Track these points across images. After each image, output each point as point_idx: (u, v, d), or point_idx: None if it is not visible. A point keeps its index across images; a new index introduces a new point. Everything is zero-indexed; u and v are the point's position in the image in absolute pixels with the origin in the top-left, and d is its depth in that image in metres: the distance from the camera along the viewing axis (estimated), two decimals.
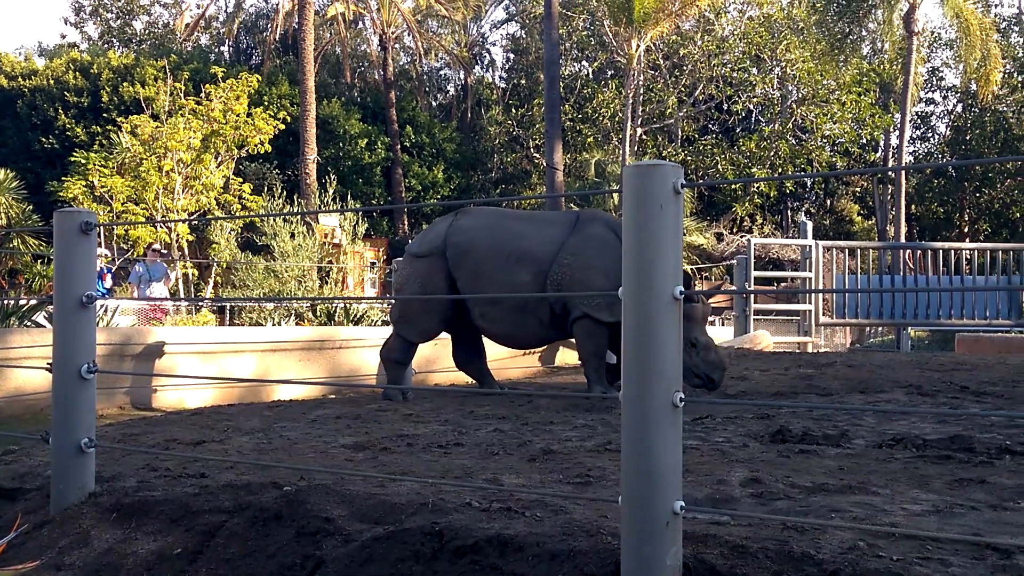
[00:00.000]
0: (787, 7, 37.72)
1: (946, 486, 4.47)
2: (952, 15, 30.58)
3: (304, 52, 29.78)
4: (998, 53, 31.61)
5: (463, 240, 8.61)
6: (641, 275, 3.02)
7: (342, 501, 3.99)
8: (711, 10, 35.90)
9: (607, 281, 8.16)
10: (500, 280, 8.38)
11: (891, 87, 39.32)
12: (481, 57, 51.92)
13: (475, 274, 8.45)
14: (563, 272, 8.28)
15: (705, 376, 8.20)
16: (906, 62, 31.20)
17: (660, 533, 2.96)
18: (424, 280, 8.68)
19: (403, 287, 8.89)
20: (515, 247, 8.45)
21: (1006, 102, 41.13)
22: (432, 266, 8.67)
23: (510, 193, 44.45)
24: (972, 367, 10.09)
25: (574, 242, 8.38)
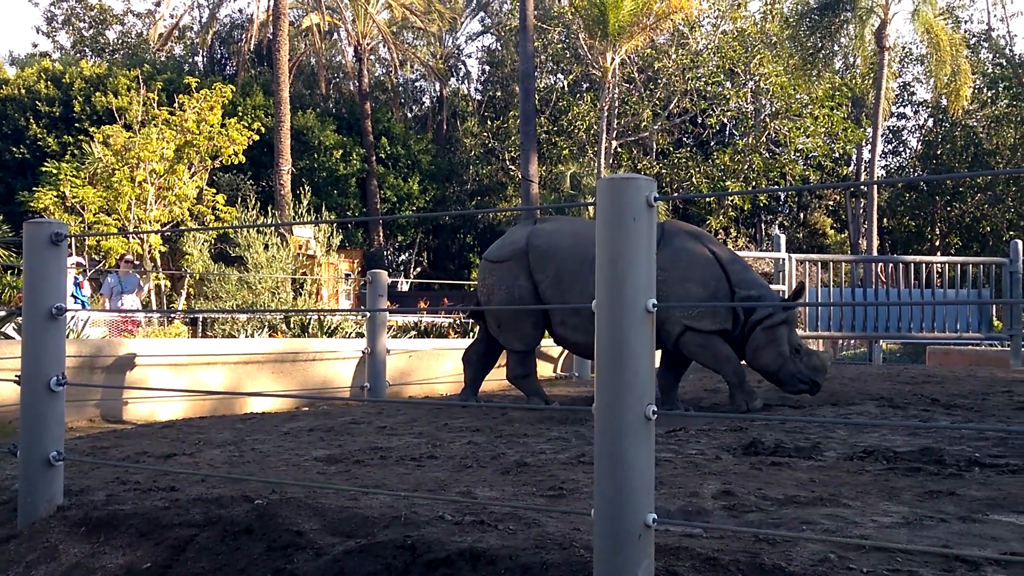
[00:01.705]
0: (760, 22, 37.96)
1: (916, 498, 4.50)
2: (923, 31, 30.91)
3: (279, 63, 29.71)
4: (968, 69, 31.95)
5: (546, 244, 8.48)
6: (614, 288, 3.03)
7: (314, 514, 3.97)
8: (685, 24, 36.08)
9: (704, 291, 8.22)
10: (584, 287, 8.13)
11: (863, 101, 39.62)
12: (457, 69, 51.99)
13: (557, 279, 8.29)
14: (659, 287, 8.14)
15: (810, 381, 8.32)
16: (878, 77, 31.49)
17: (632, 546, 2.96)
18: (509, 284, 8.56)
19: (491, 296, 8.70)
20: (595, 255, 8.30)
21: (976, 117, 41.52)
22: (514, 269, 8.55)
23: (485, 205, 44.48)
24: (942, 380, 10.17)
25: (665, 255, 8.22)
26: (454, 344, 12.75)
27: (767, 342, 8.31)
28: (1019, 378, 10.49)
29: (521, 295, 8.44)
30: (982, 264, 15.06)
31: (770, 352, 8.30)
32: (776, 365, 8.32)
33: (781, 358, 8.30)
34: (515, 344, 8.66)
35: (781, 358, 8.30)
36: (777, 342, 8.31)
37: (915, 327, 14.58)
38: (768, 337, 8.31)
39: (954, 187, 40.74)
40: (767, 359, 8.33)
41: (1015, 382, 9.86)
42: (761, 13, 38.98)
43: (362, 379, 10.70)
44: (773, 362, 8.32)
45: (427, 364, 11.78)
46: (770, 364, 8.34)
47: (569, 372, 13.40)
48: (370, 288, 10.81)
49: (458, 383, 11.72)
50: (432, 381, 11.71)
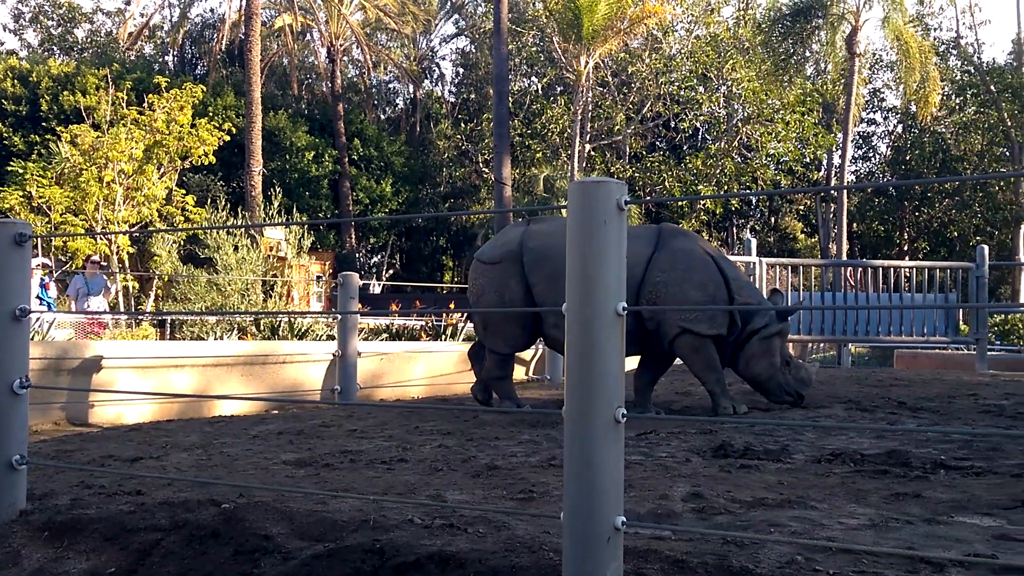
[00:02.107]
0: (734, 27, 38.14)
1: (882, 500, 4.52)
2: (893, 38, 31.14)
3: (251, 63, 29.58)
4: (937, 76, 32.23)
5: (541, 245, 8.34)
6: (584, 291, 3.03)
7: (282, 518, 3.95)
8: (659, 29, 36.21)
9: (702, 294, 8.18)
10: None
11: (834, 107, 39.88)
12: (430, 71, 51.95)
13: (552, 281, 8.08)
14: (657, 290, 8.12)
15: (796, 393, 8.34)
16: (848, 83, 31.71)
17: (601, 549, 2.96)
18: (500, 288, 8.43)
19: (480, 298, 8.59)
20: None
21: (944, 123, 41.88)
22: (506, 272, 8.41)
23: (458, 207, 44.44)
24: (909, 383, 10.24)
25: (663, 257, 8.24)
26: (426, 347, 12.73)
27: (762, 352, 8.33)
28: (984, 381, 10.59)
29: (511, 299, 8.34)
30: (949, 269, 15.17)
31: (764, 362, 8.33)
32: (767, 375, 8.35)
33: (772, 368, 8.34)
34: (500, 347, 8.60)
35: (772, 368, 8.34)
36: (771, 352, 8.34)
37: (883, 331, 14.67)
38: (763, 347, 8.33)
39: (922, 192, 41.07)
40: (760, 368, 8.35)
41: (980, 385, 9.95)
42: (734, 19, 39.20)
43: (333, 382, 10.66)
44: (765, 371, 8.35)
45: (399, 367, 11.75)
46: (762, 373, 8.36)
47: (541, 375, 13.40)
48: (341, 290, 10.78)
49: (430, 386, 11.71)
50: (404, 384, 11.68)
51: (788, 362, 8.47)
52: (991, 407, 8.20)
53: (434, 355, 12.32)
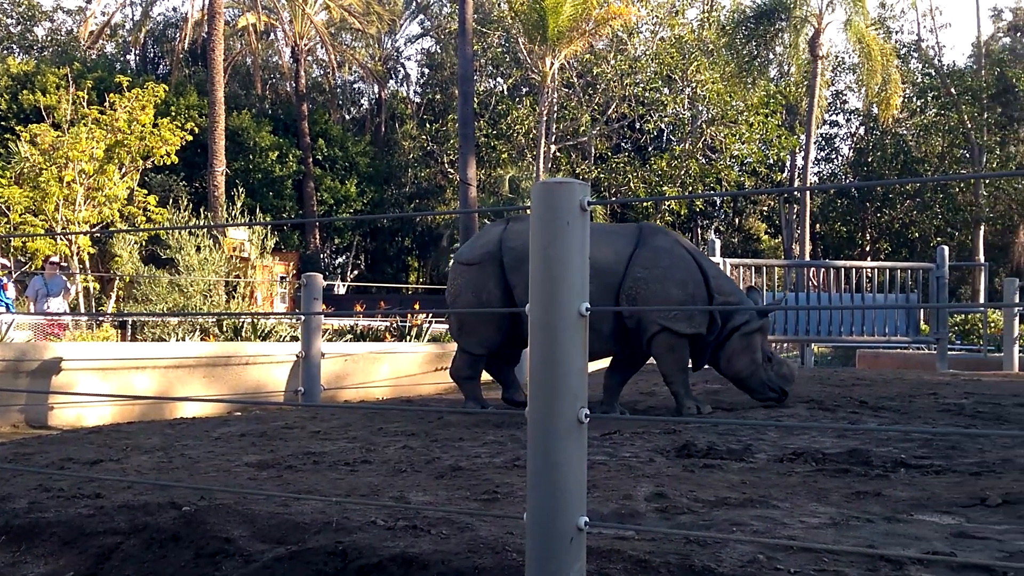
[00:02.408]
0: (698, 29, 38.31)
1: (843, 499, 4.56)
2: (855, 41, 31.41)
3: (214, 62, 29.39)
4: (898, 78, 32.54)
5: (521, 245, 8.10)
6: (548, 291, 3.03)
7: (244, 521, 3.92)
8: (624, 30, 36.31)
9: (683, 292, 8.14)
10: None
11: (797, 109, 40.18)
12: (395, 71, 51.85)
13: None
14: (637, 286, 8.08)
15: (779, 389, 8.35)
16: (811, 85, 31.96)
17: (564, 549, 2.96)
18: (477, 289, 8.31)
19: (457, 299, 8.47)
20: None
21: (906, 125, 42.32)
22: (485, 273, 8.29)
23: (424, 208, 44.38)
24: (871, 382, 10.32)
25: (644, 255, 8.19)
26: (391, 348, 12.70)
27: (742, 348, 8.33)
28: (945, 380, 10.69)
29: (489, 300, 8.25)
30: (910, 269, 15.32)
31: (744, 358, 8.33)
32: (748, 372, 8.36)
33: (754, 365, 8.34)
34: (474, 347, 8.53)
35: (754, 365, 8.34)
36: (752, 349, 8.35)
37: (845, 331, 14.79)
38: (744, 344, 8.34)
39: (884, 194, 41.47)
40: (741, 365, 8.35)
41: (941, 384, 10.05)
42: (698, 21, 39.35)
43: (296, 383, 10.60)
44: (746, 368, 8.35)
45: (363, 368, 11.71)
46: (743, 370, 8.37)
47: None
48: (305, 291, 10.71)
49: (394, 387, 11.68)
50: (368, 385, 11.64)
51: (770, 358, 8.47)
52: (951, 406, 8.28)
53: (399, 356, 12.29)
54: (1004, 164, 40.07)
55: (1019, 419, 7.57)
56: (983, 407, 8.16)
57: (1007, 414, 7.82)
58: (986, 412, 7.90)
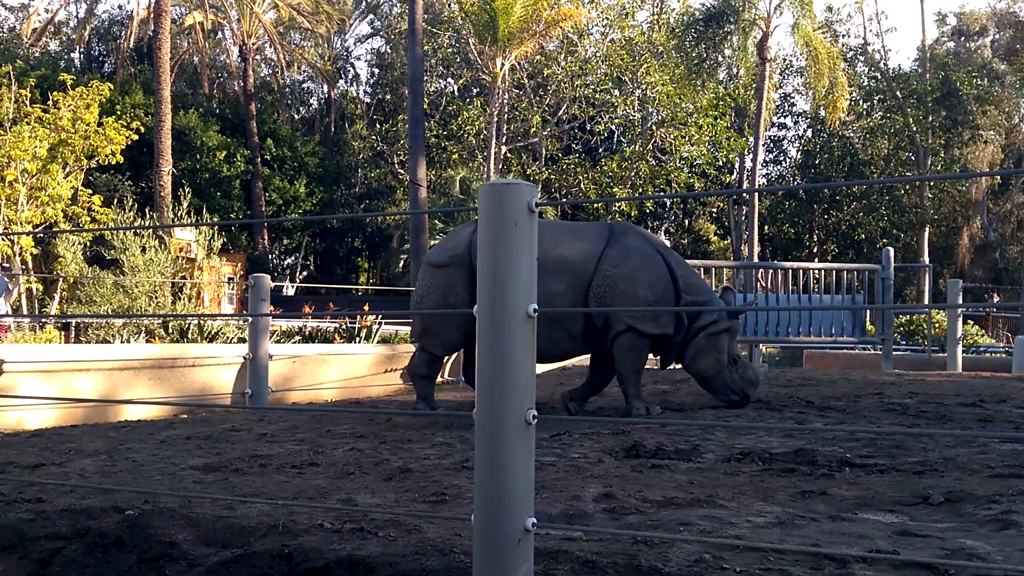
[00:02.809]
0: (648, 31, 38.48)
1: (789, 498, 4.60)
2: (802, 44, 31.69)
3: (160, 61, 29.07)
4: (845, 81, 32.89)
5: None
6: (496, 292, 3.02)
7: (188, 525, 3.88)
8: (574, 32, 36.39)
9: (651, 293, 8.16)
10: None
11: (745, 111, 40.50)
12: (345, 71, 51.61)
13: None
14: (606, 284, 8.09)
15: (742, 393, 8.38)
16: (759, 88, 32.22)
17: (512, 550, 2.96)
18: (446, 291, 8.26)
19: (424, 300, 8.42)
20: (549, 255, 8.02)
21: (852, 128, 42.82)
22: (454, 276, 8.24)
23: (374, 209, 44.20)
24: (818, 383, 10.43)
25: (613, 253, 8.21)
26: (340, 349, 12.62)
27: (708, 348, 8.38)
28: (890, 380, 10.83)
29: (456, 302, 8.20)
30: (856, 270, 15.50)
31: (710, 358, 8.38)
32: (713, 371, 8.40)
33: (719, 365, 8.39)
34: (435, 348, 8.51)
35: (719, 365, 8.39)
36: (718, 349, 8.39)
37: (793, 331, 14.93)
38: (710, 343, 8.38)
39: (831, 196, 41.93)
40: (705, 364, 8.39)
41: (886, 384, 10.18)
42: (648, 23, 39.55)
43: (243, 385, 10.50)
44: (710, 368, 8.39)
45: (312, 370, 11.63)
46: (707, 370, 8.41)
47: (456, 377, 13.38)
48: (252, 292, 10.62)
49: (343, 389, 11.61)
50: (317, 387, 11.56)
51: (736, 360, 8.52)
52: (895, 406, 8.39)
53: (348, 358, 12.22)
54: (948, 167, 40.68)
55: (962, 419, 7.68)
56: (927, 407, 8.28)
57: (950, 414, 7.94)
58: (929, 412, 8.02)
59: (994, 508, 4.32)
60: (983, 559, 3.48)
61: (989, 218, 46.70)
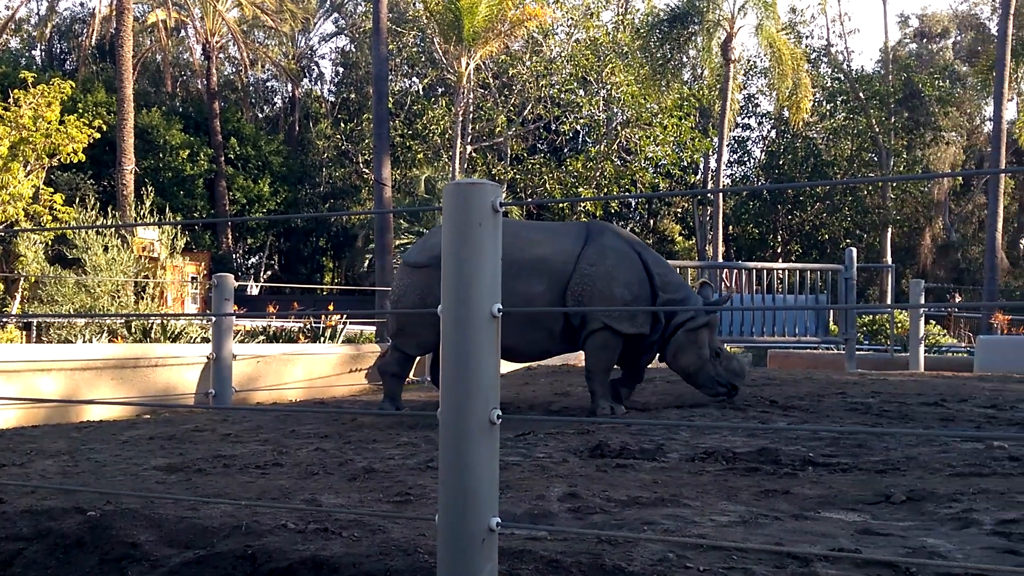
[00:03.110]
0: (613, 32, 38.58)
1: (753, 497, 4.62)
2: (766, 45, 31.90)
3: (122, 59, 28.82)
4: (808, 82, 33.15)
5: None
6: (460, 292, 3.02)
7: (151, 525, 3.85)
8: (539, 32, 36.41)
9: (628, 292, 8.20)
10: (511, 290, 7.88)
11: (710, 112, 40.71)
12: (309, 70, 51.40)
13: None
14: (584, 283, 8.13)
15: (728, 385, 8.43)
16: (724, 89, 32.41)
17: (476, 550, 2.96)
18: (424, 291, 8.23)
19: (401, 299, 8.39)
20: (528, 256, 8.13)
21: (816, 129, 43.15)
22: (432, 276, 8.08)
23: (338, 208, 44.05)
24: (781, 382, 10.49)
25: (591, 253, 8.24)
26: (304, 349, 12.57)
27: (689, 344, 8.42)
28: (853, 380, 10.92)
29: (433, 303, 8.20)
30: (820, 271, 15.61)
31: (691, 354, 8.43)
32: (695, 367, 8.46)
33: (701, 360, 8.44)
34: (410, 348, 8.50)
35: (701, 360, 8.44)
36: (698, 344, 8.44)
37: (757, 331, 15.02)
38: (690, 339, 8.43)
39: (795, 196, 42.24)
40: (687, 360, 8.44)
41: (849, 384, 10.26)
42: (613, 23, 39.67)
43: (207, 385, 10.43)
44: (693, 363, 8.44)
45: (276, 370, 11.58)
46: (690, 365, 8.46)
47: (422, 377, 13.36)
48: (216, 292, 10.55)
49: (308, 389, 11.56)
50: (281, 387, 11.51)
51: (718, 353, 8.58)
52: (858, 405, 8.46)
53: (312, 357, 12.17)
54: (911, 167, 41.10)
55: (923, 418, 7.76)
56: (889, 406, 8.36)
57: (912, 413, 8.01)
58: (892, 411, 8.09)
59: (955, 507, 4.37)
60: (944, 557, 3.51)
61: (951, 219, 47.22)
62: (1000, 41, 23.82)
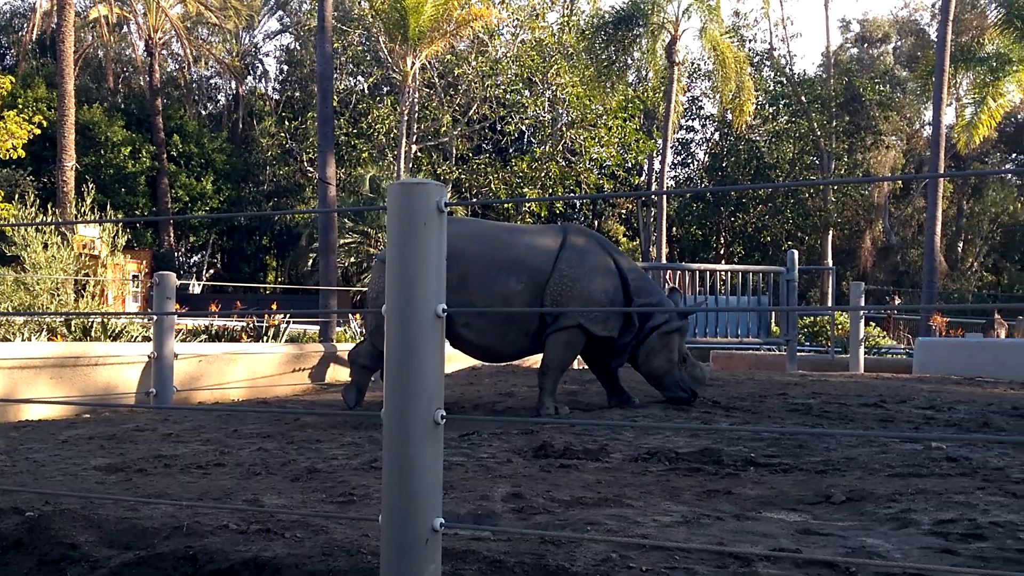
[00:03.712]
0: (558, 33, 38.70)
1: (695, 497, 4.67)
2: (710, 48, 32.14)
3: (63, 54, 28.40)
4: (751, 86, 33.45)
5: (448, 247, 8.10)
6: (404, 292, 3.02)
7: (90, 526, 3.80)
8: (485, 32, 36.42)
9: (605, 295, 8.32)
10: (490, 289, 8.11)
11: (654, 114, 40.96)
12: (254, 67, 50.93)
13: (463, 282, 7.98)
14: (563, 284, 8.22)
15: (690, 391, 8.56)
16: (668, 91, 32.59)
17: (419, 551, 2.96)
18: None
19: (379, 298, 8.30)
20: (507, 256, 8.23)
21: (758, 132, 43.61)
22: None
23: (282, 206, 43.73)
24: (724, 383, 10.59)
25: (568, 255, 8.34)
26: (246, 348, 12.46)
27: (661, 347, 8.56)
28: (794, 381, 11.04)
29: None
30: (762, 272, 15.77)
31: (662, 357, 8.55)
32: (664, 370, 8.58)
33: (670, 364, 8.58)
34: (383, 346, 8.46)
35: (670, 364, 8.58)
36: (669, 348, 8.59)
37: (700, 332, 15.14)
38: (663, 343, 8.56)
39: (738, 199, 42.66)
40: (658, 363, 8.57)
41: (790, 385, 10.38)
42: (559, 25, 39.78)
43: (148, 385, 10.31)
44: (662, 367, 8.57)
45: (218, 369, 11.47)
46: (659, 368, 8.58)
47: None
48: (157, 290, 10.43)
49: (251, 388, 11.47)
50: (223, 386, 11.41)
51: (685, 359, 8.71)
52: (799, 406, 8.56)
53: (255, 357, 12.07)
54: (852, 171, 41.67)
55: (863, 419, 7.87)
56: (829, 407, 8.47)
57: (852, 414, 8.12)
58: (832, 412, 8.20)
59: (894, 507, 4.44)
60: (883, 557, 3.57)
61: (891, 222, 47.94)
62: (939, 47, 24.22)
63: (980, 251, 49.46)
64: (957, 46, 28.41)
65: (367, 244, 35.86)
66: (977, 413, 8.18)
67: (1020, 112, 44.55)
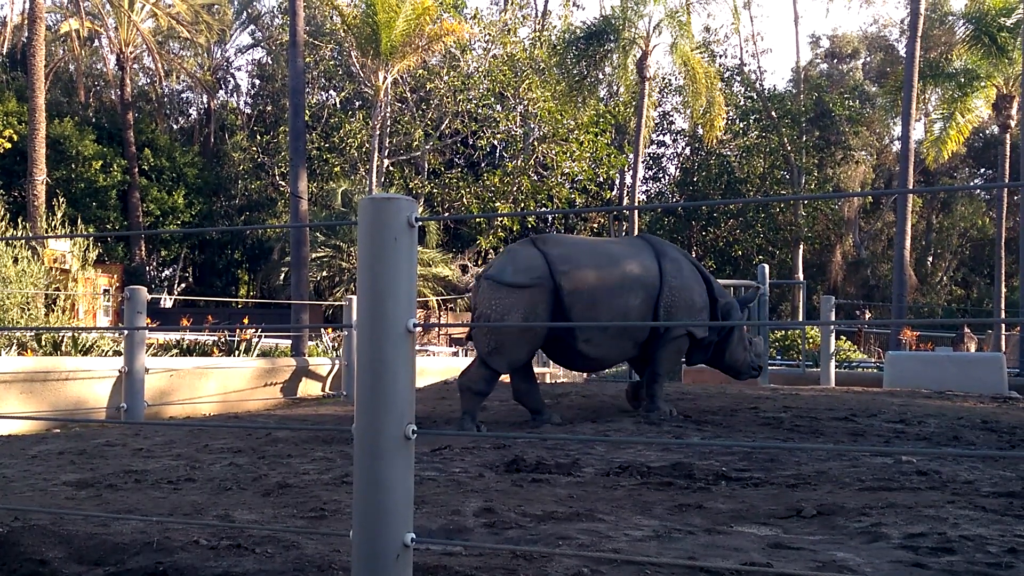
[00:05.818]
0: (530, 48, 38.83)
1: (667, 512, 4.68)
2: (681, 63, 32.29)
3: (34, 68, 28.22)
4: (722, 101, 33.65)
5: (575, 269, 8.40)
6: (375, 307, 3.02)
7: (60, 542, 3.78)
8: (457, 47, 36.50)
9: (701, 300, 8.93)
10: (614, 306, 8.44)
11: (625, 129, 41.12)
12: (225, 81, 50.74)
13: (592, 302, 8.33)
14: (673, 295, 8.70)
15: (758, 366, 9.56)
16: (639, 106, 32.74)
17: (390, 566, 2.96)
18: (528, 311, 8.22)
19: (504, 319, 8.21)
20: (622, 274, 8.55)
21: (729, 147, 43.83)
22: (538, 296, 8.28)
23: (254, 221, 43.58)
24: (695, 397, 10.63)
25: (669, 267, 8.81)
26: (218, 363, 12.42)
27: (738, 341, 9.35)
28: (765, 395, 11.10)
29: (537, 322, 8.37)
30: (733, 286, 15.83)
31: (740, 349, 9.38)
32: (743, 359, 9.42)
33: (746, 352, 9.42)
34: (500, 366, 8.40)
35: (746, 352, 9.42)
36: (744, 341, 9.40)
37: None
38: (738, 336, 9.34)
39: (709, 213, 42.84)
40: (739, 356, 9.40)
41: (761, 399, 10.43)
42: (530, 40, 39.92)
43: (119, 399, 10.26)
44: (741, 357, 9.40)
45: (189, 383, 11.42)
46: (739, 360, 9.41)
47: (337, 391, 13.27)
48: (128, 304, 10.39)
49: (222, 403, 11.42)
50: (194, 401, 11.36)
51: (751, 342, 9.58)
52: (770, 420, 8.61)
53: (227, 371, 12.04)
54: (822, 186, 41.96)
55: (834, 433, 7.92)
56: (800, 421, 8.52)
57: (823, 428, 8.17)
58: (803, 426, 8.24)
59: (864, 521, 4.47)
60: (853, 571, 3.59)
61: (861, 236, 48.30)
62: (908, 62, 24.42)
63: (949, 265, 49.87)
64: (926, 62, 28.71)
65: (339, 258, 35.75)
66: (947, 427, 8.25)
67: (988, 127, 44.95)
